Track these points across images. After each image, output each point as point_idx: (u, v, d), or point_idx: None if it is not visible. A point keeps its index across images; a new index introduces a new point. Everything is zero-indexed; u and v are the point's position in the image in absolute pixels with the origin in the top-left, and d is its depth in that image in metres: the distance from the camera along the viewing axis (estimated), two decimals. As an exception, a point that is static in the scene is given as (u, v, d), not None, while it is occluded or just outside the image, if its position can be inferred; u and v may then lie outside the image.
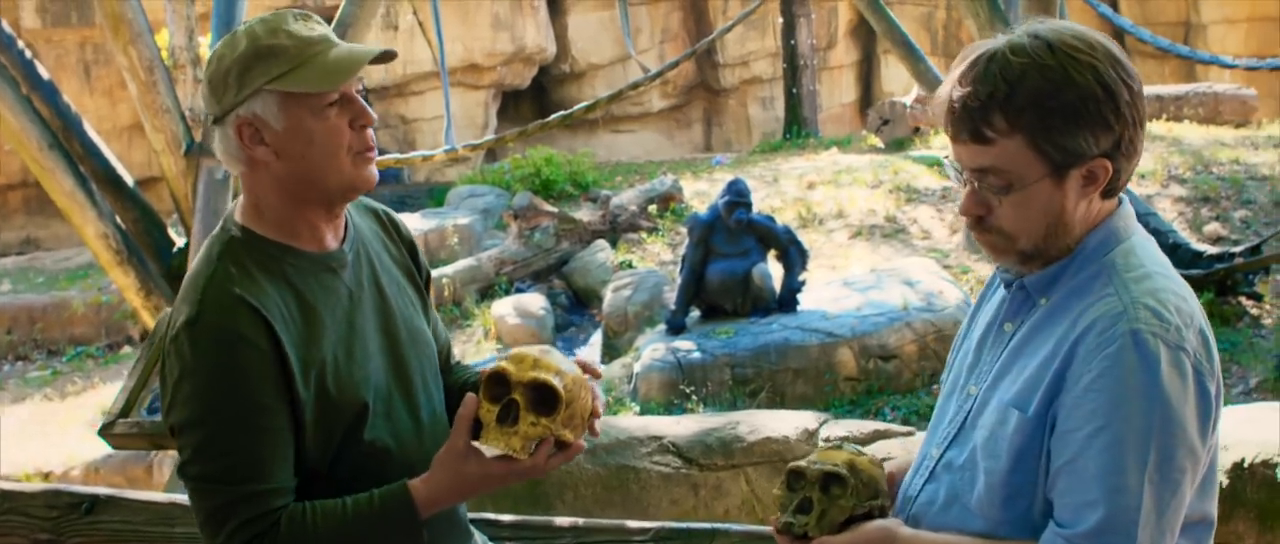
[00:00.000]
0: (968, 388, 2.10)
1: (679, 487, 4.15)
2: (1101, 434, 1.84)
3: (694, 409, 8.70)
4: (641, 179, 16.02)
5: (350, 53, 2.14)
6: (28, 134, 9.38)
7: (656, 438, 4.31)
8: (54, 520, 3.01)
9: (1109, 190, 1.97)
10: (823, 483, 2.10)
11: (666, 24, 22.78)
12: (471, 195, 15.43)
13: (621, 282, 11.28)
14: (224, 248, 2.15)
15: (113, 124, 17.14)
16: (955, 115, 1.94)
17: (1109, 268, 1.96)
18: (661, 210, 13.57)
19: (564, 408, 2.09)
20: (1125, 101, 1.90)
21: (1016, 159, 1.91)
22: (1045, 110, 1.88)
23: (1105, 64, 1.90)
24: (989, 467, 1.97)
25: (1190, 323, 1.90)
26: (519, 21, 20.69)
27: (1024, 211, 1.95)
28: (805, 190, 14.09)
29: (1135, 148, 1.94)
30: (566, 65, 22.01)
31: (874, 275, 10.47)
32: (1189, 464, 1.86)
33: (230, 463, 2.04)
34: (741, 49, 22.56)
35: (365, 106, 2.17)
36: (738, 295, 9.71)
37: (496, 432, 2.08)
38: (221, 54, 2.11)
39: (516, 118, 20.87)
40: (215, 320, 2.04)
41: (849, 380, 9.00)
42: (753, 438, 4.30)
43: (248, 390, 2.04)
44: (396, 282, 2.36)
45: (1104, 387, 1.85)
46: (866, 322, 9.30)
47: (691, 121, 23.58)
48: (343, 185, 2.17)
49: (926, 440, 2.19)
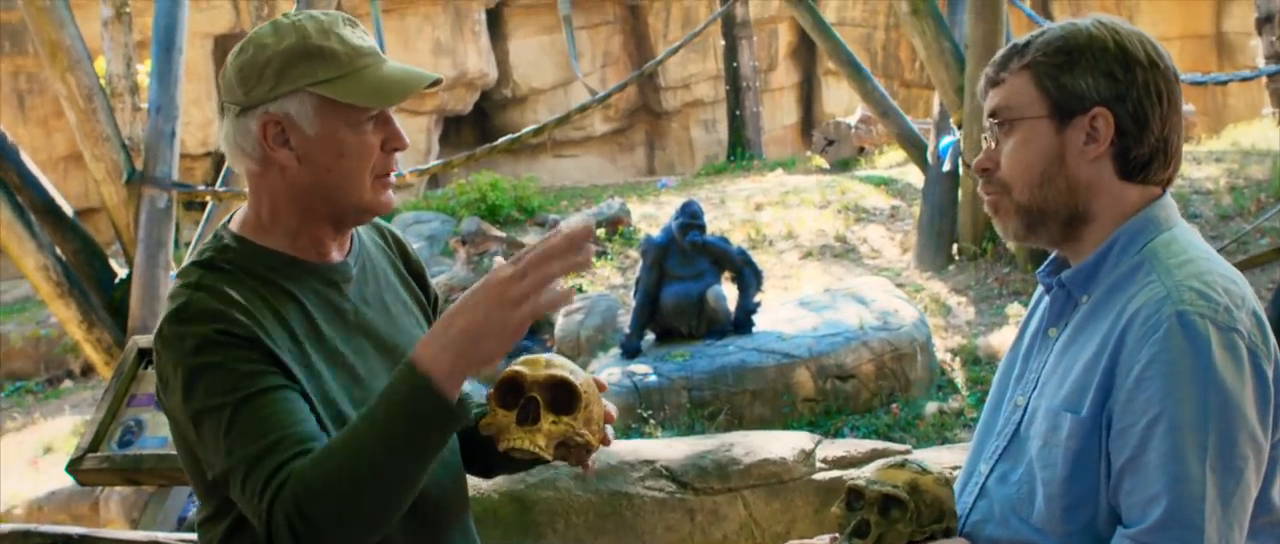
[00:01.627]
0: (1015, 399, 2.02)
1: (674, 512, 4.03)
2: (1158, 424, 1.75)
3: (652, 433, 8.60)
4: (587, 203, 15.95)
5: (406, 73, 2.03)
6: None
7: (648, 462, 4.17)
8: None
9: (1127, 167, 1.92)
10: (882, 505, 2.00)
11: (608, 47, 22.76)
12: (417, 221, 15.29)
13: (573, 306, 11.16)
14: (212, 253, 2.02)
15: (48, 154, 16.83)
16: (986, 74, 2.00)
17: (1150, 257, 1.89)
18: (610, 234, 13.50)
19: (583, 407, 1.98)
20: (1140, 65, 1.90)
21: (1020, 94, 1.94)
22: (1052, 50, 1.92)
23: (1133, 36, 1.92)
24: (1047, 477, 1.88)
25: (1241, 304, 1.82)
26: (460, 46, 20.58)
27: (1021, 153, 1.94)
28: (753, 212, 14.08)
29: (1147, 116, 1.90)
30: (508, 90, 21.93)
31: (828, 295, 10.42)
32: (1251, 451, 1.76)
33: (238, 435, 1.85)
34: (683, 72, 22.57)
35: (399, 130, 2.05)
36: (693, 318, 9.63)
37: (519, 432, 1.95)
38: (262, 42, 1.98)
39: (458, 143, 20.74)
40: (205, 308, 1.91)
41: (807, 401, 8.94)
42: (748, 460, 4.17)
43: (237, 368, 1.87)
44: (402, 301, 2.23)
45: (1155, 374, 1.76)
46: (823, 342, 9.24)
47: (634, 145, 23.55)
48: (359, 205, 2.04)
49: (972, 457, 2.09)
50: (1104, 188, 1.92)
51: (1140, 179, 1.93)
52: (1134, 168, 1.92)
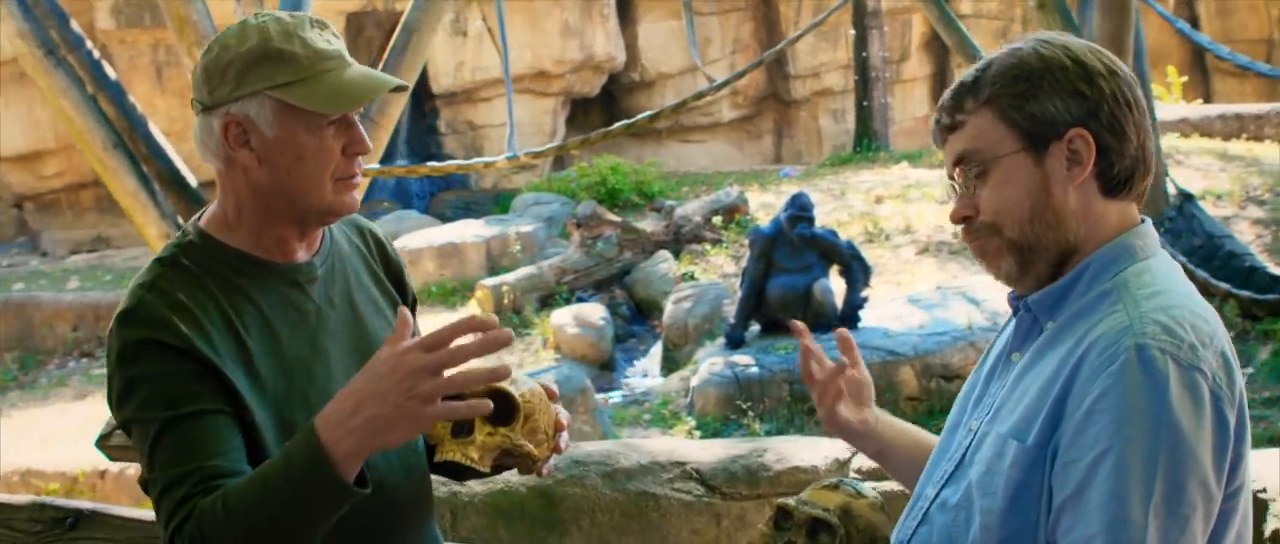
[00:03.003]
0: (969, 423, 1.92)
1: (700, 516, 3.99)
2: (1104, 461, 1.64)
3: (750, 425, 8.57)
4: (708, 190, 15.89)
5: (363, 78, 2.02)
6: (92, 134, 9.45)
7: (679, 463, 4.13)
8: (37, 534, 2.92)
9: (1110, 184, 1.81)
10: (810, 529, 1.94)
11: (738, 34, 22.63)
12: (536, 203, 15.40)
13: (682, 293, 11.17)
14: (174, 250, 2.04)
15: (184, 124, 17.13)
16: (937, 120, 1.89)
17: (1120, 286, 1.78)
18: (726, 222, 13.44)
19: (522, 419, 1.95)
20: (1100, 75, 1.79)
21: (987, 134, 1.82)
22: (1009, 80, 1.81)
23: (1084, 49, 1.82)
24: (985, 506, 1.78)
25: (1209, 343, 1.69)
26: (588, 29, 20.63)
27: (1003, 192, 1.82)
28: (872, 204, 13.91)
29: (1122, 126, 1.79)
30: (636, 74, 21.92)
31: (939, 293, 10.28)
32: (1201, 499, 1.64)
33: (164, 453, 1.88)
34: (813, 60, 22.35)
35: (362, 134, 2.05)
36: (798, 310, 9.56)
37: (452, 443, 1.93)
38: (226, 43, 1.99)
39: (585, 126, 20.79)
40: (144, 314, 1.92)
41: (910, 400, 8.82)
42: (779, 466, 4.11)
43: (170, 383, 1.89)
44: (373, 302, 2.22)
45: (1106, 408, 1.65)
46: (929, 340, 9.12)
47: (762, 133, 23.41)
48: (320, 208, 2.04)
49: (922, 480, 1.99)
50: (1091, 212, 1.82)
51: (1124, 194, 1.83)
52: (1118, 184, 1.82)
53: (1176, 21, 10.94)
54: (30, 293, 15.00)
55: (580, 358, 10.68)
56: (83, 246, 18.54)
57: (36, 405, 11.88)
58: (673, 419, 9.06)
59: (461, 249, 13.52)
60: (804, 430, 8.54)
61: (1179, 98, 18.11)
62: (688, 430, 8.75)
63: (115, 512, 2.96)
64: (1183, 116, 16.58)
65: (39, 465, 9.33)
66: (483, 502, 4.07)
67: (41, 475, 9.16)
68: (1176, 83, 18.18)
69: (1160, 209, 10.39)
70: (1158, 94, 16.48)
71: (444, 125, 20.27)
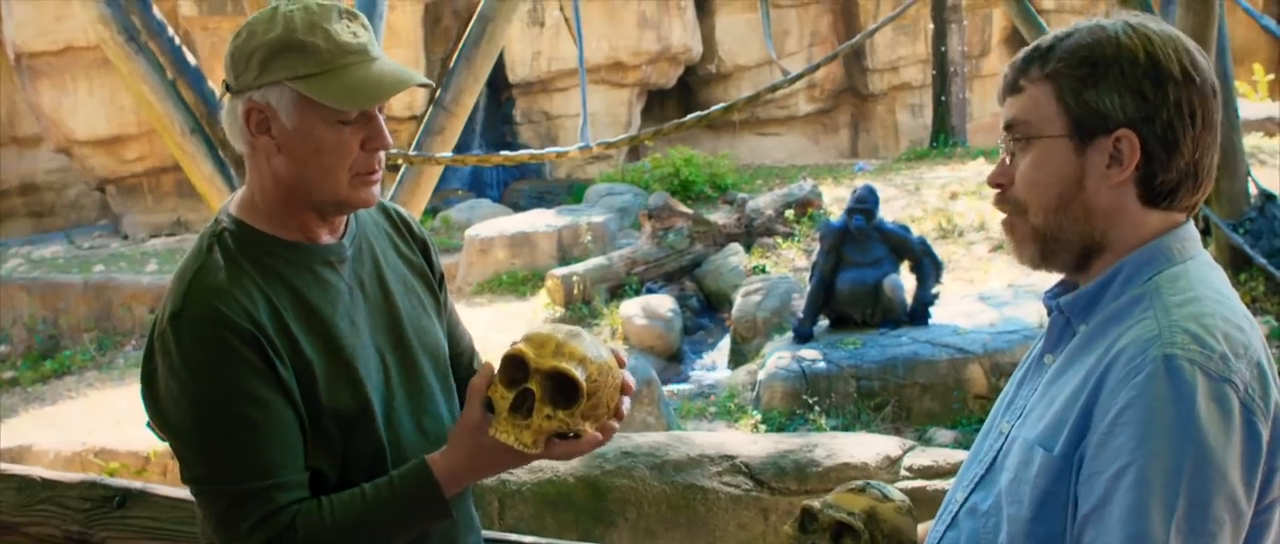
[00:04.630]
0: (1000, 426, 1.87)
1: (747, 510, 3.96)
2: (1126, 475, 1.59)
3: (816, 420, 8.52)
4: (782, 183, 15.82)
5: (383, 75, 2.02)
6: (171, 118, 9.58)
7: (729, 457, 4.09)
8: (87, 512, 2.96)
9: (1152, 193, 1.75)
10: (835, 532, 1.91)
11: (816, 27, 22.49)
12: (609, 193, 15.41)
13: (752, 286, 11.12)
14: (212, 241, 2.05)
15: (263, 110, 17.39)
16: (1003, 77, 1.85)
17: (1152, 292, 1.72)
18: (799, 216, 13.37)
19: (585, 400, 1.92)
20: (1173, 81, 1.70)
21: (1040, 107, 1.77)
22: (1076, 61, 1.75)
23: (1166, 45, 1.72)
24: (1012, 514, 1.74)
25: (1243, 353, 1.63)
26: (665, 21, 20.60)
27: (1038, 172, 1.77)
28: (947, 201, 13.78)
29: (1177, 138, 1.71)
30: (713, 66, 21.85)
31: (1011, 291, 10.17)
32: (1229, 515, 1.58)
33: (233, 460, 1.93)
34: (891, 54, 22.16)
35: (382, 129, 2.05)
36: (868, 306, 9.50)
37: (508, 422, 1.92)
38: (254, 30, 2.00)
39: (661, 117, 20.75)
40: (201, 314, 1.94)
41: (979, 398, 8.72)
42: (829, 462, 4.06)
43: (240, 384, 1.93)
44: (404, 280, 2.23)
45: (1131, 419, 1.60)
46: (1000, 338, 9.01)
47: (838, 126, 23.25)
48: (335, 200, 2.06)
49: (955, 483, 1.95)
50: (1124, 215, 1.76)
51: (1165, 205, 1.76)
52: (1159, 195, 1.74)
53: (1262, 18, 10.68)
54: (110, 274, 15.26)
55: (648, 349, 10.68)
56: (162, 230, 18.83)
57: (113, 386, 12.08)
58: (739, 413, 9.03)
59: (532, 238, 13.57)
60: (870, 426, 8.48)
61: (1265, 96, 17.75)
62: (753, 424, 8.72)
63: (162, 492, 3.00)
64: (1268, 115, 16.25)
65: (112, 445, 9.47)
66: (531, 491, 4.08)
67: (114, 455, 9.30)
68: (1263, 81, 17.82)
69: (1241, 210, 10.19)
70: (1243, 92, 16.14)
71: (520, 115, 20.34)
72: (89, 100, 18.48)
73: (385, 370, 2.12)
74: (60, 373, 13.05)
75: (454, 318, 2.39)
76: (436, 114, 9.30)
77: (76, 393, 12.06)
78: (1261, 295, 9.72)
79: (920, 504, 2.57)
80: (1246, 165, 10.68)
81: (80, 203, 20.60)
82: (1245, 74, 17.16)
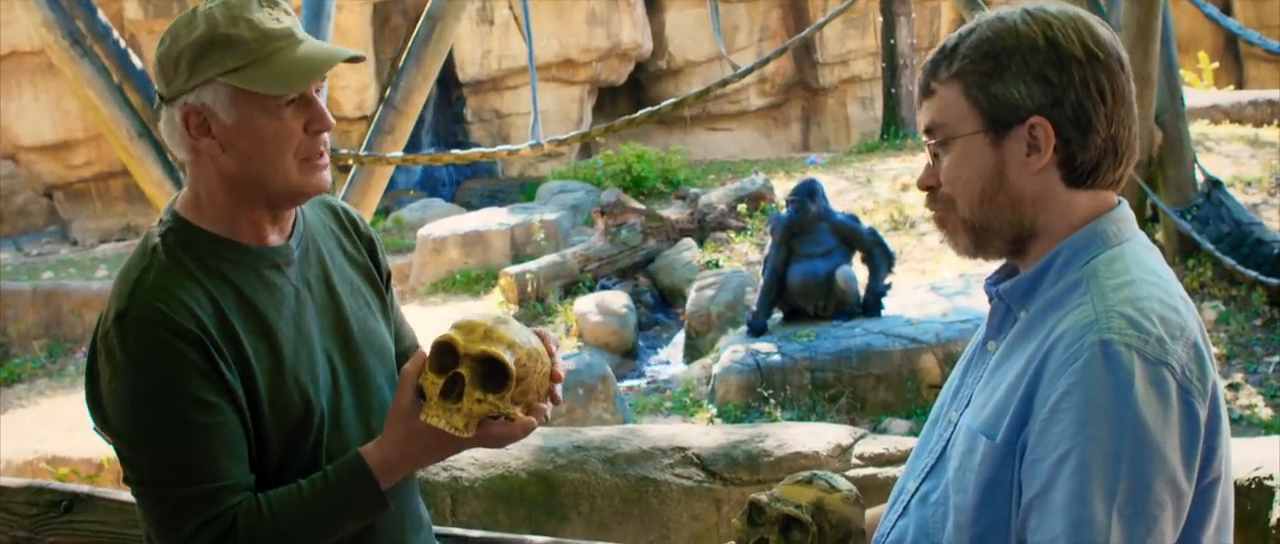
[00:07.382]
0: (949, 415, 1.89)
1: (700, 501, 3.97)
2: (1067, 461, 1.61)
3: (771, 413, 8.55)
4: (734, 178, 15.86)
5: (313, 53, 2.01)
6: (118, 122, 9.52)
7: (681, 449, 4.10)
8: (33, 517, 2.94)
9: (1074, 174, 1.78)
10: (783, 525, 1.91)
11: (765, 21, 22.55)
12: (562, 191, 15.41)
13: (706, 281, 11.14)
14: (158, 241, 2.04)
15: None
16: (918, 82, 1.87)
17: (1089, 276, 1.74)
18: (751, 210, 13.42)
19: (515, 384, 1.93)
20: (1077, 62, 1.74)
21: (952, 108, 1.80)
22: (979, 56, 1.77)
23: (1067, 26, 1.75)
24: (958, 502, 1.76)
25: (1179, 335, 1.66)
26: (615, 18, 20.60)
27: (959, 170, 1.80)
28: (898, 192, 13.85)
29: (1089, 117, 1.74)
30: (663, 62, 21.88)
31: (962, 281, 10.23)
32: (1169, 497, 1.61)
33: (176, 463, 1.92)
34: (841, 47, 22.27)
35: (323, 110, 2.04)
36: (820, 297, 9.54)
37: (439, 406, 1.93)
38: (176, 34, 1.99)
39: (613, 114, 20.73)
40: (145, 315, 1.93)
41: (933, 388, 8.77)
42: (780, 452, 4.08)
43: (185, 386, 1.92)
44: (350, 281, 2.23)
45: (1070, 406, 1.63)
46: (952, 328, 9.07)
47: (789, 121, 23.33)
48: (288, 189, 2.05)
49: (905, 472, 1.97)
50: (1052, 199, 1.79)
51: (1089, 184, 1.79)
52: (1082, 175, 1.78)
53: (1206, 7, 10.76)
54: (59, 281, 15.10)
55: (603, 346, 10.68)
56: (111, 235, 18.66)
57: (64, 393, 11.94)
58: (694, 407, 9.05)
59: (486, 237, 13.53)
60: (825, 418, 8.51)
61: (1211, 84, 17.93)
62: (709, 418, 8.74)
63: (110, 495, 2.98)
64: (1213, 103, 16.42)
65: (64, 452, 9.38)
66: (482, 486, 4.07)
67: (67, 462, 9.21)
68: (1208, 69, 18.00)
69: (1188, 197, 10.30)
70: (1189, 80, 16.30)
71: (470, 114, 20.29)
72: (34, 105, 18.28)
73: (333, 372, 2.12)
74: (10, 381, 12.91)
75: (399, 317, 2.39)
76: (386, 113, 9.28)
77: (27, 401, 11.93)
78: (1209, 281, 9.85)
79: (871, 492, 2.59)
80: (1193, 152, 10.80)
81: (28, 209, 20.35)
82: (1191, 63, 17.34)
